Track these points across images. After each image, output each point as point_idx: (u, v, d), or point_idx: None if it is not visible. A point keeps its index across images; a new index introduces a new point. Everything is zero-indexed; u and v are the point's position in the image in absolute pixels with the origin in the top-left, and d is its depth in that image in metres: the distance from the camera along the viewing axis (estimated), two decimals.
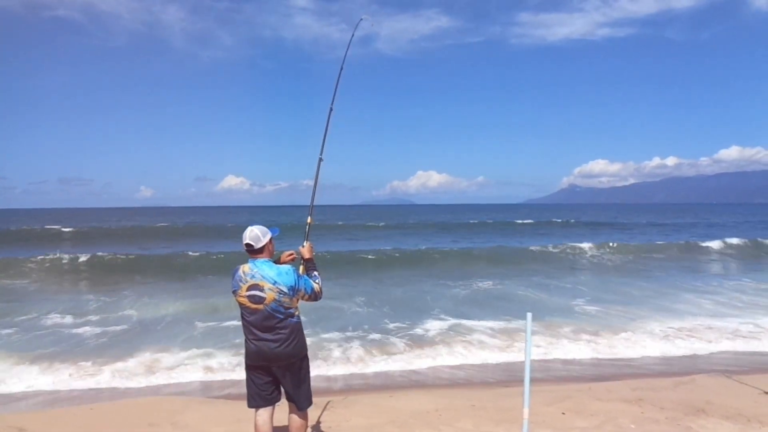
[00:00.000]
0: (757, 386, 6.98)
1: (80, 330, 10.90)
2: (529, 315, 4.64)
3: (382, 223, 51.22)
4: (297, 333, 4.10)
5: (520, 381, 7.57)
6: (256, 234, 4.07)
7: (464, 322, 11.52)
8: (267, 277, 3.99)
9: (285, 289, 3.97)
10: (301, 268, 4.34)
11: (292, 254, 4.49)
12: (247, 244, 4.06)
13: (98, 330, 10.90)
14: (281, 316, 4.01)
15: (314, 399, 6.57)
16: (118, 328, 11.14)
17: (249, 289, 4.00)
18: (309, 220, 4.77)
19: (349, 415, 5.98)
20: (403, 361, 8.91)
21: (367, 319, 11.89)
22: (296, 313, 4.13)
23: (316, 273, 4.31)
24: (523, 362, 4.76)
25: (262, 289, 3.97)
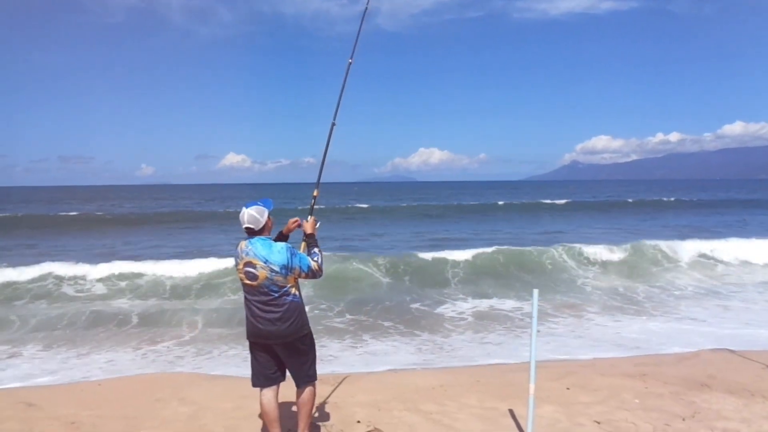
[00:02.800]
0: (761, 361, 7.00)
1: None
2: (536, 292, 4.63)
3: (404, 204, 49.00)
4: (294, 311, 4.02)
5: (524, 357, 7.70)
6: (253, 216, 3.98)
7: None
8: (259, 255, 3.92)
9: (276, 268, 3.90)
10: (303, 244, 4.23)
11: (296, 221, 4.37)
12: (248, 228, 3.99)
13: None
14: (276, 294, 3.96)
15: (318, 375, 6.68)
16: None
17: (245, 265, 3.97)
18: (315, 192, 4.54)
19: (353, 392, 6.02)
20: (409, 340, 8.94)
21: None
22: (293, 291, 4.04)
23: (316, 250, 4.16)
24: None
25: (255, 267, 3.92)
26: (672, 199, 52.07)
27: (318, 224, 4.34)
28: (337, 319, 10.22)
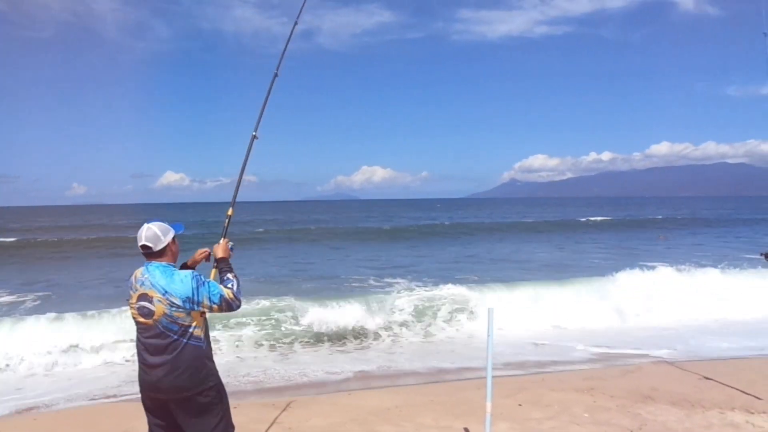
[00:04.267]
0: (697, 372, 7.33)
1: None
2: (491, 310, 4.69)
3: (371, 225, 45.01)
4: (196, 359, 3.20)
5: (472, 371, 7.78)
6: (154, 233, 3.26)
7: None
8: (156, 285, 3.17)
9: (178, 301, 3.14)
10: (213, 271, 3.52)
11: (205, 252, 3.65)
12: (144, 246, 3.24)
13: None
14: (174, 336, 3.16)
15: (271, 400, 6.54)
16: None
17: (139, 298, 3.21)
18: (230, 211, 3.93)
19: (308, 415, 5.90)
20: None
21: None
22: (197, 332, 3.23)
23: (230, 276, 3.39)
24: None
25: (151, 300, 3.16)
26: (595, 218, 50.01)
27: (232, 247, 3.67)
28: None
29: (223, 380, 3.40)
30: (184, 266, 3.53)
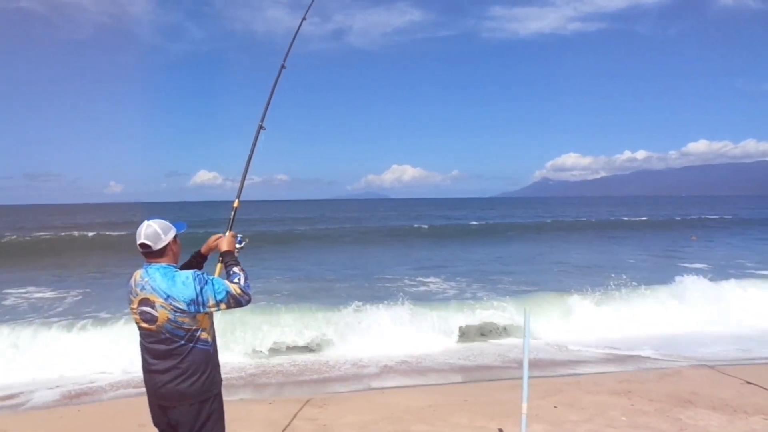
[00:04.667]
0: (739, 377, 7.15)
1: None
2: (527, 311, 4.69)
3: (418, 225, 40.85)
4: (203, 364, 3.04)
5: (509, 371, 7.74)
6: (154, 231, 3.07)
7: None
8: (158, 289, 2.98)
9: (182, 306, 2.95)
10: (218, 265, 3.36)
11: (219, 237, 3.47)
12: (143, 245, 3.05)
13: None
14: (181, 341, 3.01)
15: (307, 396, 6.62)
16: None
17: (140, 303, 3.04)
18: (236, 203, 3.78)
19: (342, 413, 5.96)
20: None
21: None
22: (204, 335, 3.08)
23: (236, 270, 3.17)
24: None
25: (153, 306, 2.99)
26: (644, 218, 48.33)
27: (241, 240, 3.51)
28: None
29: (258, 375, 3.46)
30: (197, 255, 3.47)
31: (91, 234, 32.70)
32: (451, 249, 26.58)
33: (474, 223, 44.14)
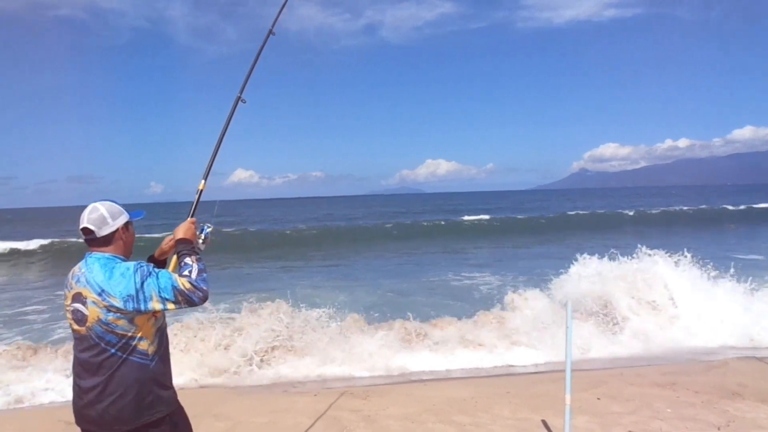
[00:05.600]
0: None
1: None
2: (569, 302, 4.69)
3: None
4: (136, 381, 2.49)
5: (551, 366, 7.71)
6: (100, 215, 2.58)
7: None
8: (92, 282, 2.49)
9: (117, 302, 2.43)
10: (173, 258, 2.77)
11: (173, 239, 2.88)
12: (85, 230, 2.56)
13: None
14: (111, 349, 2.47)
15: (346, 388, 6.74)
16: None
17: (73, 299, 2.54)
18: (201, 185, 3.20)
19: (385, 404, 6.06)
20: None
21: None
22: (143, 345, 2.53)
23: (188, 261, 2.60)
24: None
25: (84, 302, 2.49)
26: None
27: (205, 229, 2.98)
28: None
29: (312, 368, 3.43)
30: (150, 260, 2.92)
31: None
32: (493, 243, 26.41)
33: (542, 215, 41.35)
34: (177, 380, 7.01)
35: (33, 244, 25.52)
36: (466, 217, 37.25)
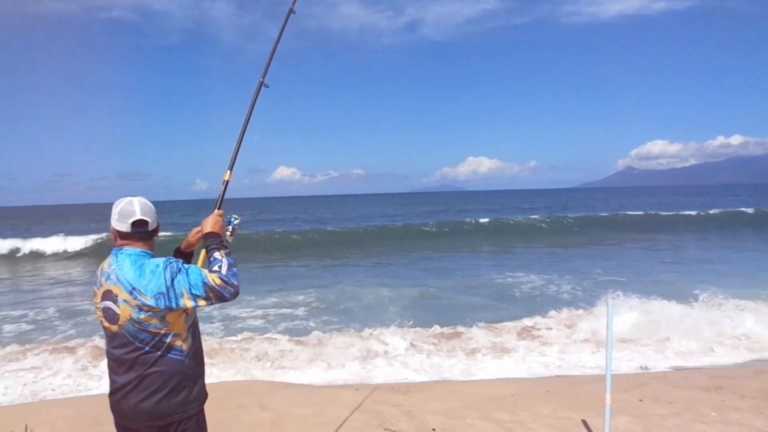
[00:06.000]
0: None
1: None
2: (611, 302, 4.70)
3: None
4: (171, 377, 2.52)
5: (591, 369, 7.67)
6: (151, 208, 2.63)
7: None
8: (123, 279, 2.46)
9: (149, 300, 2.42)
10: (202, 252, 2.75)
11: (200, 231, 2.84)
12: (139, 222, 2.56)
13: None
14: (145, 347, 2.48)
15: (389, 384, 6.88)
16: None
17: (103, 297, 2.53)
18: (227, 175, 3.12)
19: (425, 400, 6.17)
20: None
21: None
22: (177, 342, 2.54)
23: (218, 255, 2.57)
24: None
25: (116, 300, 2.47)
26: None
27: (233, 222, 2.93)
28: None
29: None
30: (176, 253, 2.89)
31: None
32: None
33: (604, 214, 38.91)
34: (222, 374, 7.34)
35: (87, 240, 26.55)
36: (514, 218, 36.38)
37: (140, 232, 2.57)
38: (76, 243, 26.15)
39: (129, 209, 2.56)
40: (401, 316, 10.99)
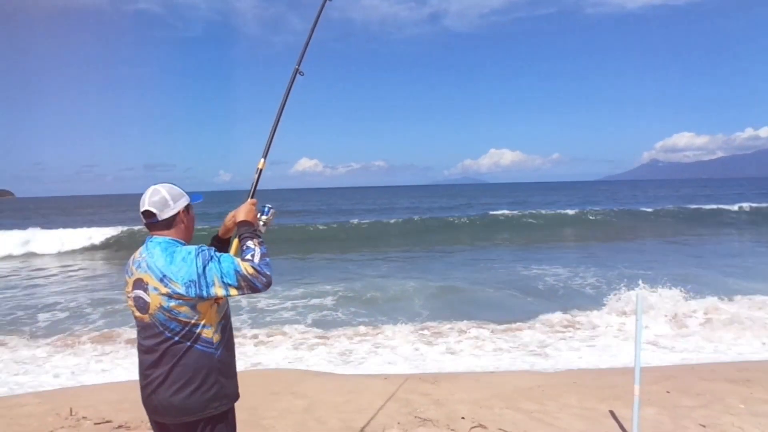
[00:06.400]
0: None
1: None
2: (640, 294, 4.77)
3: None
4: (200, 370, 2.46)
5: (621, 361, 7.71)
6: (162, 197, 2.54)
7: None
8: (153, 267, 2.44)
9: (180, 288, 2.38)
10: (235, 241, 2.76)
11: (234, 221, 2.83)
12: (147, 213, 2.53)
13: None
14: (175, 337, 2.44)
15: (417, 373, 7.02)
16: None
17: (134, 286, 2.51)
18: (260, 164, 3.11)
19: (453, 390, 6.29)
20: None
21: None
22: (207, 333, 2.49)
23: (250, 244, 2.55)
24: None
25: (146, 288, 2.45)
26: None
27: (268, 211, 2.94)
28: None
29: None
30: (214, 241, 2.91)
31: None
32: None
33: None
34: (252, 363, 7.53)
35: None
36: (544, 211, 35.49)
37: (149, 223, 2.55)
38: (101, 234, 26.55)
39: (141, 200, 2.56)
40: (425, 308, 11.16)
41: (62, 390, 6.89)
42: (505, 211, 34.10)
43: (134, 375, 7.36)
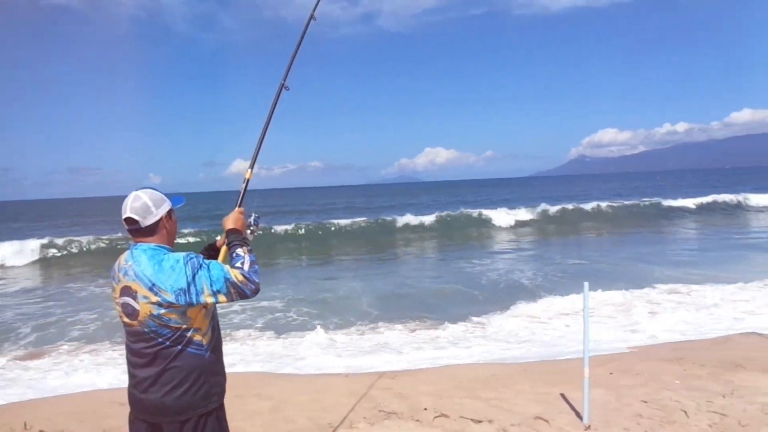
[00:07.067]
0: None
1: None
2: (586, 284, 5.16)
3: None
4: (191, 371, 2.53)
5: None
6: (143, 204, 2.55)
7: None
8: (141, 275, 2.46)
9: (169, 297, 2.42)
10: (223, 249, 2.81)
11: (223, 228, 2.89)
12: (129, 220, 2.54)
13: None
14: (165, 342, 2.50)
15: (377, 372, 7.22)
16: None
17: (121, 293, 2.54)
18: (248, 174, 3.16)
19: (415, 383, 6.53)
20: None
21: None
22: (197, 337, 2.55)
23: (240, 252, 2.61)
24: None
25: (135, 296, 2.48)
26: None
27: (255, 219, 3.02)
28: None
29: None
30: (210, 248, 2.98)
31: None
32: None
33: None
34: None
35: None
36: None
37: (132, 230, 2.57)
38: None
39: (123, 206, 2.56)
40: (374, 308, 11.38)
41: (16, 404, 6.66)
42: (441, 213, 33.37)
43: (91, 386, 7.24)
